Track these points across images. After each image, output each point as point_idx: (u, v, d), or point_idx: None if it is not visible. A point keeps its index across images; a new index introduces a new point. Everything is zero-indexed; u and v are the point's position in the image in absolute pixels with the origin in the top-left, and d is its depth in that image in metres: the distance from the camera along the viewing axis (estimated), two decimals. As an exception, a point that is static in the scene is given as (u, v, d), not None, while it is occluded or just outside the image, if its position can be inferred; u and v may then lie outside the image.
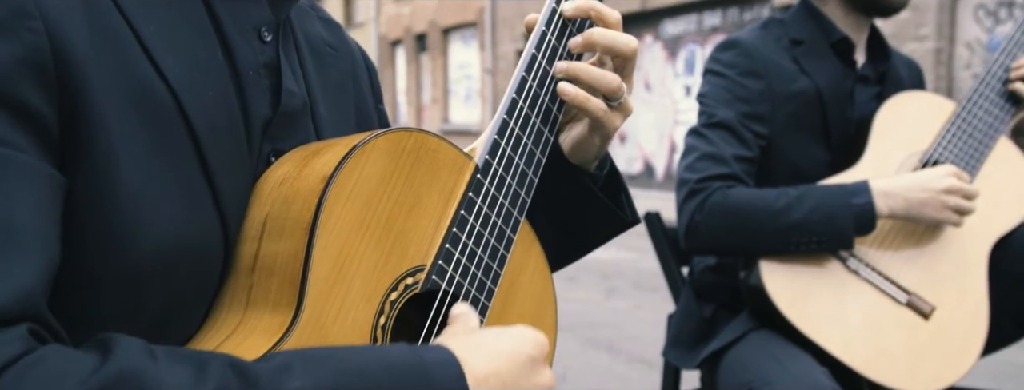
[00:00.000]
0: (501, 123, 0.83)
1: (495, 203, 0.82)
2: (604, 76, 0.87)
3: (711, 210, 1.54)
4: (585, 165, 0.96)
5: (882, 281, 1.54)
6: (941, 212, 1.50)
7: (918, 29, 8.91)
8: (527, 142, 0.85)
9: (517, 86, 0.85)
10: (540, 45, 0.86)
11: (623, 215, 1.00)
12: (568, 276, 6.32)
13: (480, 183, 0.81)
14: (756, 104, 1.62)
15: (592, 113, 0.87)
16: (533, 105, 0.86)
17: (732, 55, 1.67)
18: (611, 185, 1.00)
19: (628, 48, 0.87)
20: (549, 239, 0.99)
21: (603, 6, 0.88)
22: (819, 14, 1.71)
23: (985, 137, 1.65)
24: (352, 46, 0.97)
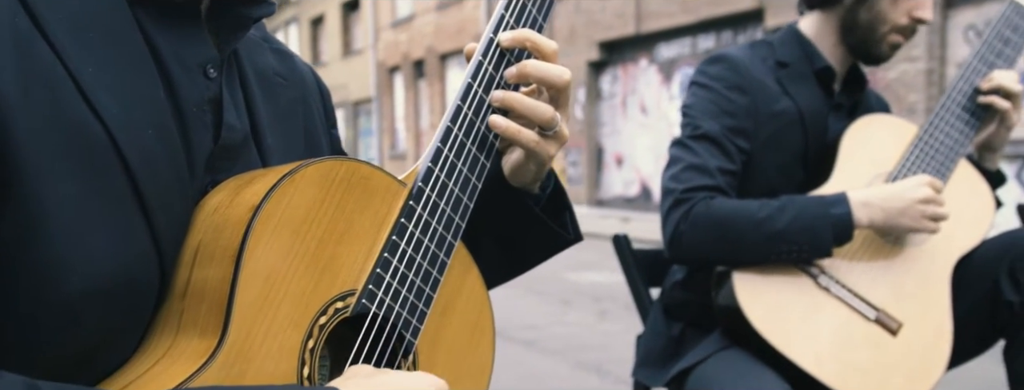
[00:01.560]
0: (435, 151, 0.86)
1: (428, 228, 0.85)
2: (537, 107, 0.89)
3: (696, 220, 1.57)
4: (526, 187, 0.99)
5: (852, 298, 1.57)
6: (918, 221, 1.53)
7: (910, 50, 8.96)
8: (462, 168, 0.88)
9: (452, 115, 0.87)
10: (476, 74, 0.89)
11: (564, 234, 1.02)
12: (562, 299, 6.34)
13: (412, 209, 0.83)
14: (741, 119, 1.65)
15: (524, 144, 0.90)
16: (469, 133, 0.88)
17: (720, 69, 1.69)
18: (555, 204, 1.03)
19: (560, 80, 0.90)
20: (493, 257, 1.02)
21: (539, 37, 0.91)
22: (805, 41, 1.74)
23: (947, 159, 1.68)
24: (304, 74, 1.00)
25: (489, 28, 0.90)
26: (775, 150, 1.67)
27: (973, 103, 1.71)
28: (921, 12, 1.65)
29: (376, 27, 21.46)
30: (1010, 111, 1.69)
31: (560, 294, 6.55)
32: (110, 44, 0.72)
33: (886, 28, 1.66)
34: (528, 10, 0.93)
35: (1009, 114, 1.69)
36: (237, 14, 0.83)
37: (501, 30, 0.90)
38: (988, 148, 1.77)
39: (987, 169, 1.79)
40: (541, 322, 5.50)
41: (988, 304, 1.59)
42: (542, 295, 6.58)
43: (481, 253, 1.01)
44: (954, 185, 1.67)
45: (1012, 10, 1.75)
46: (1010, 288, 1.56)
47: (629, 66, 13.87)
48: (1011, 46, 1.74)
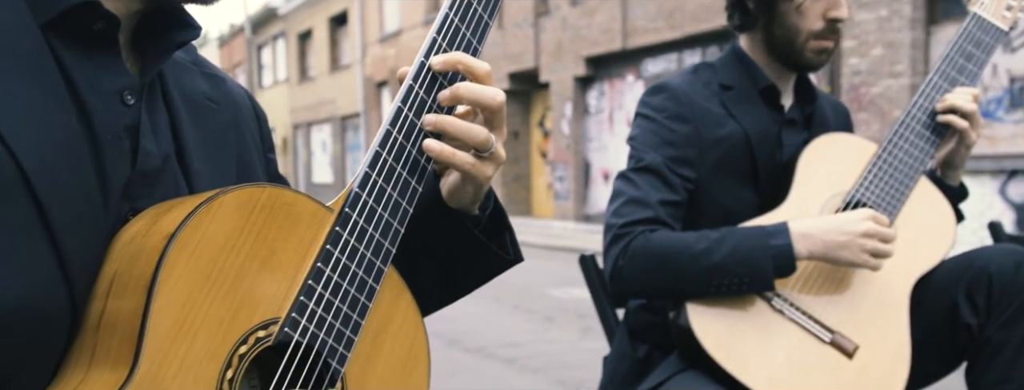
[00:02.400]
0: (363, 176, 0.85)
1: (355, 254, 0.84)
2: (471, 129, 0.89)
3: (633, 254, 1.56)
4: (465, 209, 0.98)
5: (806, 320, 1.55)
6: (858, 255, 1.52)
7: (893, 66, 9.03)
8: (392, 193, 0.87)
9: (381, 140, 0.87)
10: (406, 99, 0.89)
11: (504, 255, 1.02)
12: (546, 316, 6.32)
13: (338, 235, 0.83)
14: (683, 148, 1.64)
15: (459, 167, 0.90)
16: (399, 158, 0.88)
17: (660, 99, 1.69)
18: (495, 225, 1.03)
19: (494, 101, 0.90)
20: (432, 279, 1.02)
21: (472, 59, 0.90)
22: (748, 60, 1.74)
23: (906, 177, 1.66)
24: (237, 98, 0.99)
25: (421, 52, 0.90)
26: (724, 175, 1.67)
27: (933, 120, 1.69)
28: (835, 12, 1.64)
29: (364, 42, 21.49)
30: (968, 130, 1.68)
31: (544, 311, 6.54)
32: (22, 72, 0.72)
33: (802, 37, 1.66)
34: (462, 33, 0.93)
35: (967, 133, 1.69)
36: (160, 39, 0.83)
37: (433, 54, 0.90)
38: (949, 165, 1.77)
39: (950, 185, 1.78)
40: (524, 339, 5.49)
41: (947, 326, 1.58)
42: (526, 312, 6.56)
43: (421, 275, 1.00)
44: (914, 204, 1.66)
45: (974, 23, 1.73)
46: (968, 310, 1.54)
47: (616, 81, 13.91)
48: (973, 61, 1.72)
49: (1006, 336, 1.51)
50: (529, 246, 12.38)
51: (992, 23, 1.74)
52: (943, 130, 1.70)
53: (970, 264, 1.57)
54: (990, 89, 8.38)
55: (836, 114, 1.87)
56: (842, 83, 9.60)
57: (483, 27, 0.95)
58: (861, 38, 9.36)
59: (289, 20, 26.80)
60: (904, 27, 8.88)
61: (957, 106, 1.67)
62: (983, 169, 8.27)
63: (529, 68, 15.50)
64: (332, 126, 23.95)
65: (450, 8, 0.92)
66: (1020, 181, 8.07)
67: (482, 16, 0.95)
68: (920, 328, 1.60)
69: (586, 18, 13.93)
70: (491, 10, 0.95)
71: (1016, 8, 1.76)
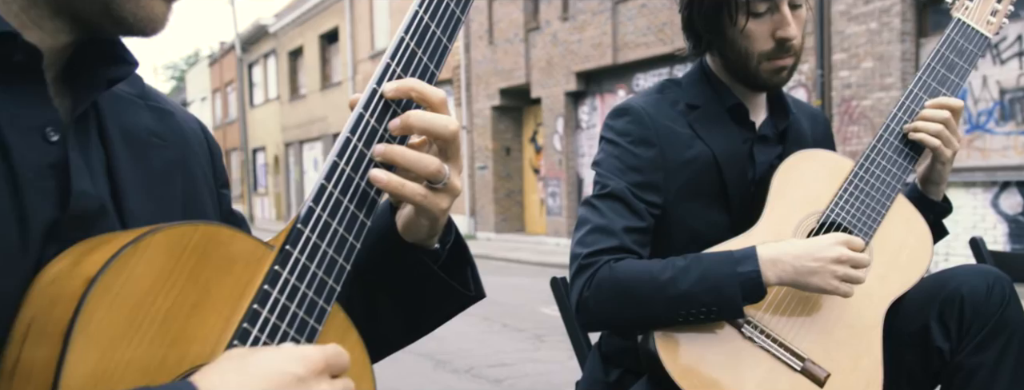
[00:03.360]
0: (306, 210, 0.82)
1: (295, 293, 0.80)
2: (421, 159, 0.85)
3: (599, 285, 1.52)
4: (421, 243, 0.94)
5: (777, 348, 1.51)
6: (829, 282, 1.47)
7: (883, 78, 9.04)
8: (338, 228, 0.83)
9: (327, 172, 0.83)
10: (355, 128, 0.85)
11: (465, 292, 0.98)
12: (535, 335, 6.27)
13: (277, 274, 0.79)
14: (648, 173, 1.60)
15: (409, 199, 0.86)
16: (346, 190, 0.84)
17: (624, 122, 1.65)
18: (456, 259, 0.99)
19: (447, 131, 0.86)
20: (390, 316, 0.98)
21: (425, 86, 0.87)
22: (714, 78, 1.70)
23: (883, 196, 1.62)
24: (186, 133, 0.95)
25: (374, 78, 0.87)
26: (692, 198, 1.63)
27: (906, 141, 1.64)
28: (782, 32, 1.58)
29: (354, 59, 21.49)
30: (940, 147, 1.64)
31: (534, 329, 6.48)
32: None
33: (754, 60, 1.61)
34: (418, 58, 0.89)
35: (940, 150, 1.65)
36: (92, 74, 0.79)
37: (386, 80, 0.86)
38: (930, 181, 1.73)
39: (932, 201, 1.74)
40: (512, 359, 5.43)
41: (920, 350, 1.54)
42: (515, 330, 6.51)
43: (378, 312, 0.97)
44: (891, 223, 1.62)
45: (957, 30, 1.67)
46: (940, 334, 1.50)
47: (607, 96, 13.91)
48: (956, 71, 1.66)
49: (978, 361, 1.47)
50: (522, 263, 12.37)
51: (976, 30, 1.68)
52: (922, 145, 1.65)
53: (942, 286, 1.52)
54: (980, 101, 8.39)
55: (814, 125, 1.81)
56: (833, 96, 9.60)
57: (441, 51, 0.91)
58: (851, 51, 9.37)
59: (280, 38, 26.81)
60: (894, 40, 8.90)
61: (919, 126, 1.63)
62: (975, 181, 8.26)
63: (520, 84, 15.50)
64: (324, 144, 23.90)
65: (405, 32, 0.88)
66: (1012, 193, 8.06)
67: (440, 40, 0.91)
68: (892, 351, 1.56)
69: (576, 33, 13.95)
70: (450, 33, 0.92)
71: (1001, 12, 1.70)
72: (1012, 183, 8.04)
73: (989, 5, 1.69)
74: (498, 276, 10.97)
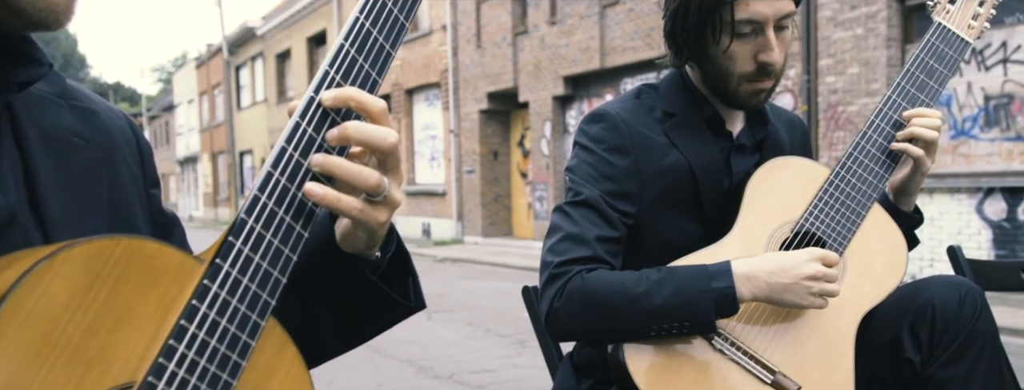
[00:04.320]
0: (238, 223, 0.78)
1: (226, 308, 0.77)
2: (360, 172, 0.82)
3: (570, 296, 1.48)
4: (361, 253, 0.91)
5: (747, 360, 1.48)
6: (804, 298, 1.45)
7: (869, 84, 9.06)
8: (272, 241, 0.80)
9: (261, 183, 0.80)
10: (291, 138, 0.82)
11: (405, 303, 0.95)
12: (518, 340, 6.23)
13: (207, 288, 0.76)
14: (622, 182, 1.57)
15: (346, 214, 0.83)
16: (281, 201, 0.81)
17: (599, 129, 1.61)
18: (398, 269, 0.96)
19: (385, 143, 0.83)
20: (328, 326, 0.96)
21: (365, 96, 0.83)
22: (693, 87, 1.67)
23: (858, 205, 1.58)
24: (113, 132, 0.92)
25: (312, 86, 0.83)
26: (667, 207, 1.59)
27: (890, 143, 1.61)
28: (764, 56, 1.54)
29: (343, 63, 21.42)
30: (924, 158, 1.62)
31: (517, 334, 6.45)
32: None
33: (734, 80, 1.57)
34: (359, 66, 0.86)
35: (923, 161, 1.62)
36: None
37: (324, 88, 0.83)
38: (903, 191, 1.70)
39: (904, 212, 1.72)
40: (494, 365, 5.40)
41: (891, 362, 1.51)
42: (499, 336, 6.48)
43: (316, 322, 0.94)
44: (865, 233, 1.59)
45: (938, 36, 1.63)
46: (911, 346, 1.48)
47: (595, 100, 13.90)
48: (935, 78, 1.63)
49: (950, 374, 1.45)
50: (509, 267, 12.33)
51: (957, 34, 1.64)
52: (898, 154, 1.62)
53: (914, 297, 1.50)
54: (965, 107, 8.41)
55: (791, 131, 1.78)
56: (819, 101, 9.61)
57: (384, 59, 0.88)
58: (837, 57, 9.39)
59: (267, 40, 26.73)
60: (880, 45, 8.92)
61: (917, 135, 1.59)
62: (960, 187, 8.28)
63: (508, 88, 15.48)
64: (312, 146, 23.80)
65: (345, 38, 0.85)
66: (996, 199, 8.08)
67: (383, 46, 0.88)
68: (864, 363, 1.53)
69: (564, 37, 13.94)
70: (394, 40, 0.89)
71: (983, 16, 1.67)
72: (996, 189, 8.05)
73: (970, 8, 1.66)
74: (484, 280, 10.94)
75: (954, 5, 1.66)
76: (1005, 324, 6.19)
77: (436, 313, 7.76)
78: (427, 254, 15.03)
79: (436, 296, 9.16)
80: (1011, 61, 8.06)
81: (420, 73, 18.26)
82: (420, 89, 18.68)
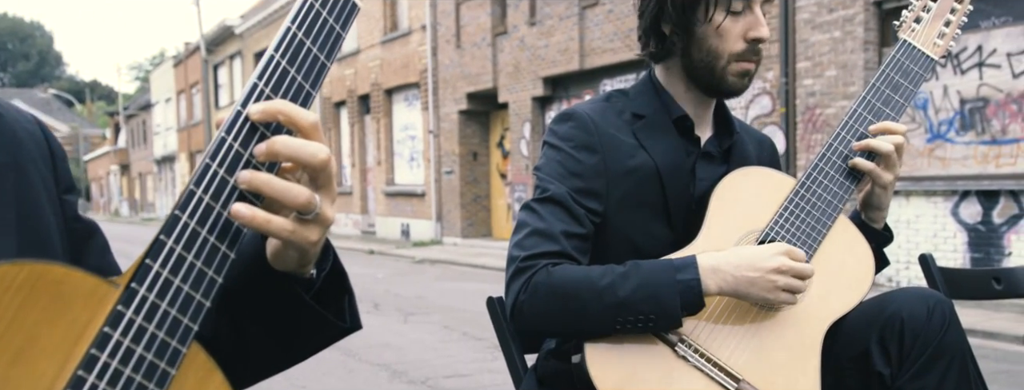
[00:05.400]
0: (156, 244, 0.74)
1: (142, 336, 0.72)
2: (289, 190, 0.77)
3: (535, 289, 1.47)
4: (293, 272, 0.87)
5: (711, 368, 1.45)
6: (771, 292, 1.43)
7: (847, 87, 9.09)
8: (195, 262, 0.75)
9: (182, 201, 0.75)
10: (216, 154, 0.77)
11: (339, 323, 0.91)
12: (493, 344, 6.19)
13: (120, 315, 0.71)
14: (589, 179, 1.56)
15: (276, 235, 0.78)
16: (205, 221, 0.76)
17: (568, 128, 1.60)
18: (333, 287, 0.92)
19: (315, 159, 0.78)
20: (260, 346, 0.91)
21: (295, 109, 0.79)
22: (661, 89, 1.67)
23: (824, 215, 1.57)
24: (20, 135, 0.87)
25: (240, 99, 0.79)
26: (634, 208, 1.58)
27: (847, 163, 1.61)
28: (755, 32, 1.56)
29: (323, 62, 21.30)
30: (876, 171, 1.60)
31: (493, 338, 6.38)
32: None
33: (723, 61, 1.58)
34: (291, 78, 0.81)
35: (878, 174, 1.61)
36: None
37: (252, 101, 0.79)
38: (870, 206, 1.68)
39: (873, 228, 1.70)
40: (469, 369, 5.36)
41: (861, 375, 1.49)
42: (475, 340, 6.44)
43: (247, 344, 0.89)
44: (831, 245, 1.57)
45: (903, 52, 1.65)
46: (880, 359, 1.46)
47: (574, 101, 13.86)
48: (900, 92, 1.64)
49: (919, 386, 1.43)
50: (487, 268, 12.29)
51: (922, 52, 1.67)
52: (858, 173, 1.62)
53: (883, 310, 1.48)
54: (941, 111, 8.45)
55: (761, 150, 1.77)
56: (797, 104, 9.64)
57: (318, 70, 0.83)
58: (815, 59, 9.42)
59: (246, 39, 26.55)
60: (857, 48, 8.95)
61: (872, 147, 1.59)
62: (936, 190, 8.32)
63: (487, 88, 15.44)
64: (291, 146, 23.67)
65: (276, 49, 0.80)
66: (971, 202, 8.12)
67: (317, 57, 0.83)
68: (831, 375, 1.51)
69: (544, 38, 13.92)
70: (329, 51, 0.84)
71: (949, 36, 1.69)
72: (972, 192, 8.09)
73: (936, 28, 1.68)
74: (462, 282, 10.89)
75: (920, 24, 1.68)
76: (979, 328, 6.22)
77: (412, 315, 7.71)
78: (406, 255, 14.96)
79: (413, 298, 9.11)
80: (986, 65, 8.10)
81: (399, 73, 18.18)
82: (399, 89, 18.60)
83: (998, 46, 7.98)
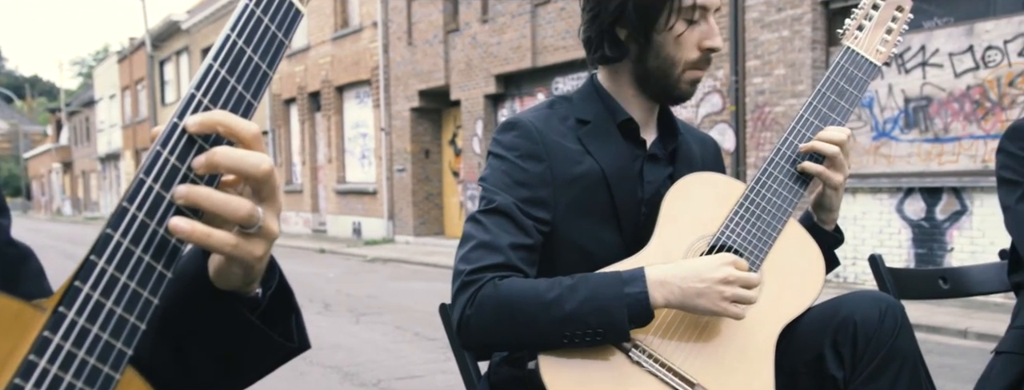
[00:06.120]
0: (86, 264, 0.69)
1: (71, 362, 0.68)
2: (229, 203, 0.74)
3: (482, 303, 1.44)
4: (238, 290, 0.83)
5: (665, 373, 1.45)
6: (717, 303, 1.42)
7: (795, 85, 9.21)
8: (128, 284, 0.71)
9: (114, 219, 0.71)
10: (151, 168, 0.73)
11: (286, 343, 0.87)
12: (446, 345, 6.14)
13: (47, 341, 0.67)
14: (536, 188, 1.54)
15: (218, 250, 0.74)
16: (139, 239, 0.72)
17: (512, 137, 1.58)
18: (280, 306, 0.88)
19: (258, 170, 0.74)
20: (203, 370, 0.87)
21: (235, 120, 0.75)
22: (605, 94, 1.65)
23: (774, 219, 1.58)
24: None
25: (176, 110, 0.75)
26: (582, 215, 1.57)
27: (802, 160, 1.62)
28: (710, 42, 1.57)
29: (272, 59, 21.02)
30: (825, 172, 1.61)
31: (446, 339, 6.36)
32: None
33: (679, 69, 1.58)
34: (231, 87, 0.77)
35: (826, 175, 1.62)
36: None
37: (190, 112, 0.75)
38: (821, 208, 1.70)
39: (824, 230, 1.71)
40: (422, 370, 5.31)
41: (815, 379, 1.50)
42: (428, 340, 6.39)
43: (190, 367, 0.85)
44: (782, 248, 1.58)
45: (847, 58, 1.68)
46: (834, 362, 1.46)
47: (527, 99, 13.89)
48: (846, 98, 1.66)
49: (872, 389, 1.44)
50: (440, 267, 12.23)
51: (866, 58, 1.69)
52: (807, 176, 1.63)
53: (835, 313, 1.49)
54: (886, 109, 8.61)
55: (704, 149, 1.78)
56: (747, 102, 9.74)
57: (260, 79, 0.80)
58: (764, 58, 9.53)
59: (193, 35, 26.09)
60: (805, 47, 9.08)
61: (817, 149, 1.60)
62: (881, 187, 8.47)
63: (440, 86, 15.37)
64: (240, 144, 23.34)
65: (215, 58, 0.77)
66: (916, 199, 8.28)
67: (258, 66, 0.79)
68: (785, 378, 1.51)
69: (496, 36, 13.89)
70: (271, 59, 0.80)
71: (891, 43, 1.72)
72: (916, 189, 8.26)
73: (878, 35, 1.71)
74: (414, 281, 10.83)
75: (862, 32, 1.71)
76: (923, 322, 6.35)
77: (364, 316, 7.64)
78: (358, 254, 14.84)
79: (365, 298, 9.03)
80: (929, 64, 8.27)
81: (350, 70, 18.02)
82: (350, 86, 18.43)
83: (940, 46, 8.15)
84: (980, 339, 6.14)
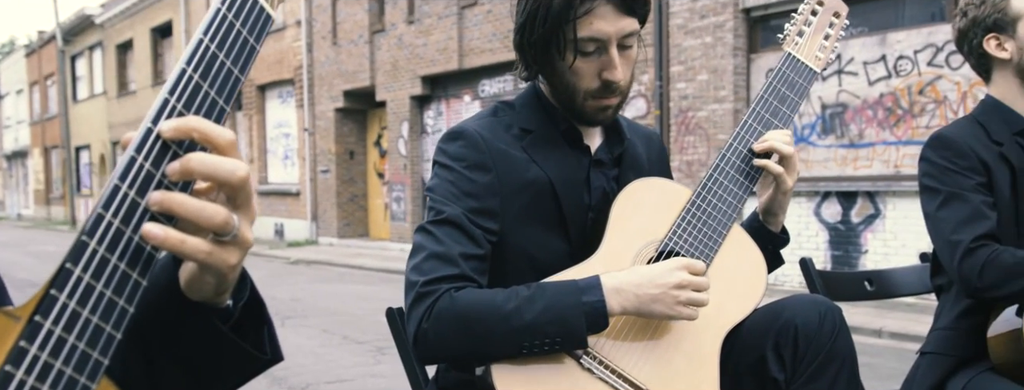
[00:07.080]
0: (61, 272, 0.68)
1: (48, 373, 0.66)
2: (203, 210, 0.72)
3: (438, 315, 1.43)
4: (209, 301, 0.82)
5: (615, 379, 1.47)
6: (673, 308, 1.46)
7: (718, 91, 9.42)
8: (104, 292, 0.70)
9: (90, 226, 0.69)
10: (126, 174, 0.71)
11: (258, 355, 0.86)
12: (376, 348, 6.11)
13: (24, 351, 0.65)
14: (485, 199, 1.54)
15: (191, 257, 0.73)
16: (114, 246, 0.70)
17: (458, 147, 1.58)
18: (251, 318, 0.87)
19: (234, 176, 0.73)
20: (175, 384, 0.85)
21: (210, 126, 0.74)
22: (546, 101, 1.66)
23: (719, 224, 1.62)
24: None
25: (149, 115, 0.73)
26: (530, 223, 1.58)
27: (748, 165, 1.66)
28: (608, 74, 1.55)
29: (191, 56, 20.53)
30: (784, 175, 1.66)
31: (375, 341, 6.32)
32: None
33: (580, 96, 1.58)
34: (204, 93, 0.76)
35: (784, 178, 1.66)
36: None
37: (164, 118, 0.73)
38: (769, 212, 1.74)
39: (771, 232, 1.75)
40: (351, 374, 5.26)
41: (756, 380, 1.54)
42: (356, 343, 6.34)
43: (161, 379, 0.83)
44: (725, 253, 1.62)
45: (788, 65, 1.71)
46: (775, 364, 1.51)
47: (453, 101, 13.88)
48: (787, 104, 1.70)
49: None
50: (365, 269, 12.13)
51: (805, 64, 1.73)
52: (757, 175, 1.67)
53: (777, 317, 1.53)
54: (805, 115, 8.88)
55: (649, 147, 1.79)
56: (671, 107, 9.92)
57: (232, 84, 0.78)
58: (688, 64, 9.72)
59: (107, 30, 25.29)
60: (727, 54, 9.29)
61: (775, 148, 1.64)
62: (800, 191, 8.72)
63: (365, 86, 15.23)
64: (156, 143, 22.72)
65: (188, 63, 0.75)
66: (832, 202, 8.56)
67: (231, 70, 0.78)
68: (730, 381, 1.55)
69: (422, 37, 13.84)
70: (243, 64, 0.79)
71: (828, 49, 1.77)
72: (833, 193, 8.54)
73: (817, 42, 1.76)
74: (339, 284, 10.70)
75: (802, 38, 1.75)
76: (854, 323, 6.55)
77: (289, 319, 7.52)
78: (280, 256, 14.59)
79: (289, 301, 8.88)
80: (845, 72, 8.56)
81: (272, 69, 17.71)
82: (273, 85, 18.12)
83: (855, 55, 8.44)
84: (894, 338, 6.38)
